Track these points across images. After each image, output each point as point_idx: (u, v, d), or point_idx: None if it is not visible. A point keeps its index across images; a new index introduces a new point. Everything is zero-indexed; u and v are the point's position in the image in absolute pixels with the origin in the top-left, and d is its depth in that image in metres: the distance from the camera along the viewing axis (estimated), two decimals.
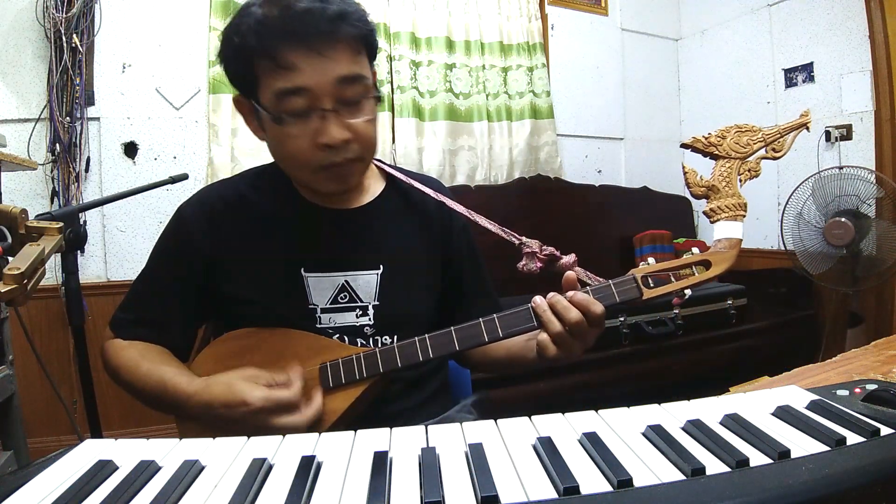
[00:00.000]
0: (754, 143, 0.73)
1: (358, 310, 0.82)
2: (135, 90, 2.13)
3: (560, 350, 0.70)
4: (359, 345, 0.81)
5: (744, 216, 0.72)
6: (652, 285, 0.70)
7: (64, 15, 1.92)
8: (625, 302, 0.70)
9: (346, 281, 0.82)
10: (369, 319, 0.82)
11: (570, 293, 0.70)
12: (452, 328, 0.72)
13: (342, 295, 0.82)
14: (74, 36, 1.95)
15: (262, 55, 0.70)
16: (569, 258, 0.85)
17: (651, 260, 0.73)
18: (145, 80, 2.14)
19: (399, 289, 0.84)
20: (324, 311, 0.81)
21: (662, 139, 3.32)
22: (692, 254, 0.71)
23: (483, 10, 2.78)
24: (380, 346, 0.82)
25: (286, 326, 0.79)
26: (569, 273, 0.74)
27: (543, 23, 2.96)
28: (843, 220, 2.16)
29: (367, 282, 0.83)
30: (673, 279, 0.70)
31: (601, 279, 0.76)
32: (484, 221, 0.90)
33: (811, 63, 2.68)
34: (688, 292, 0.71)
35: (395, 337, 0.83)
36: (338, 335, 0.81)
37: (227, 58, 0.75)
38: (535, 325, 0.71)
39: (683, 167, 0.74)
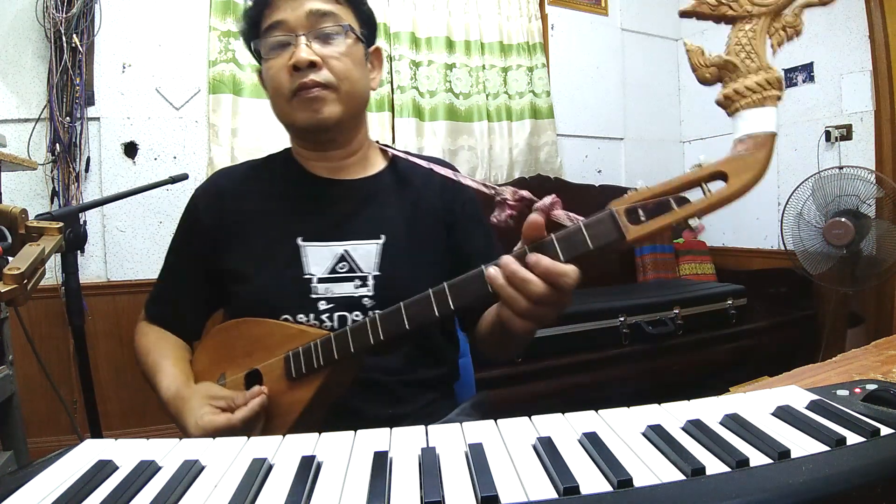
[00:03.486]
0: None
1: (357, 280, 0.81)
2: (135, 90, 2.13)
3: (529, 323, 0.59)
4: (351, 321, 0.79)
5: (779, 97, 0.49)
6: (643, 219, 0.51)
7: (64, 15, 1.92)
8: (602, 248, 0.52)
9: (345, 251, 0.82)
10: (369, 290, 0.81)
11: (532, 258, 0.55)
12: (402, 303, 0.64)
13: (341, 265, 0.81)
14: (74, 36, 1.95)
15: (259, 4, 0.81)
16: (546, 200, 0.66)
17: (640, 182, 0.53)
18: (145, 80, 2.14)
19: (402, 260, 0.83)
20: (320, 280, 0.80)
21: (662, 139, 3.33)
22: (698, 167, 0.50)
23: (483, 10, 2.78)
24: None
25: (279, 297, 0.79)
26: (532, 217, 0.57)
27: (543, 23, 2.96)
28: (843, 220, 2.16)
29: (367, 251, 0.82)
30: (674, 206, 0.50)
31: (581, 218, 0.56)
32: (464, 179, 0.86)
33: (811, 63, 2.68)
34: (696, 222, 0.50)
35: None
36: (333, 306, 0.79)
37: (244, 24, 0.84)
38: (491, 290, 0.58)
39: (685, 44, 0.54)
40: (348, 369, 0.73)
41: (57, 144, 1.96)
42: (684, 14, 0.55)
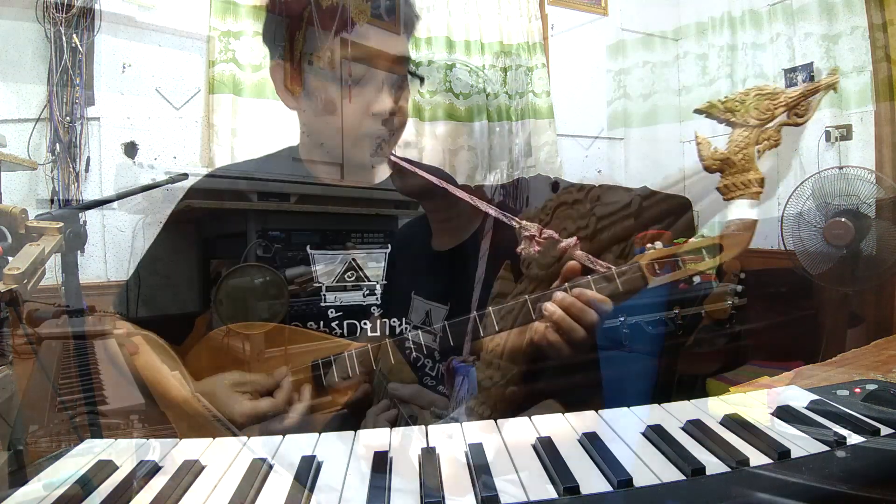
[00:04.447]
0: (776, 108, 0.67)
1: (365, 289, 0.83)
2: (135, 90, 2.13)
3: (572, 349, 0.72)
4: (358, 327, 0.81)
5: (760, 193, 0.66)
6: (658, 272, 0.68)
7: (64, 15, 1.92)
8: (629, 292, 0.69)
9: (353, 259, 0.83)
10: (377, 299, 0.83)
11: (577, 292, 0.69)
12: (446, 323, 0.72)
13: (349, 273, 0.82)
14: (74, 36, 1.95)
15: (341, 18, 0.72)
16: (569, 241, 0.81)
17: (658, 244, 0.70)
18: (145, 80, 2.14)
19: (408, 269, 0.85)
20: (329, 289, 0.81)
21: (662, 139, 3.32)
22: (702, 237, 0.69)
23: (483, 10, 2.77)
24: (387, 328, 0.83)
25: (287, 305, 0.79)
26: (572, 263, 0.72)
27: (543, 23, 2.95)
28: (843, 220, 2.16)
29: (374, 260, 0.84)
30: (681, 265, 0.68)
31: (602, 262, 0.74)
32: (484, 206, 0.90)
33: (811, 63, 2.68)
34: (696, 278, 0.69)
35: (403, 319, 0.83)
36: (342, 314, 0.81)
37: (289, 17, 0.77)
38: (533, 317, 0.71)
39: (696, 136, 0.70)
40: (373, 383, 0.75)
41: (57, 144, 1.96)
42: (698, 111, 0.71)
